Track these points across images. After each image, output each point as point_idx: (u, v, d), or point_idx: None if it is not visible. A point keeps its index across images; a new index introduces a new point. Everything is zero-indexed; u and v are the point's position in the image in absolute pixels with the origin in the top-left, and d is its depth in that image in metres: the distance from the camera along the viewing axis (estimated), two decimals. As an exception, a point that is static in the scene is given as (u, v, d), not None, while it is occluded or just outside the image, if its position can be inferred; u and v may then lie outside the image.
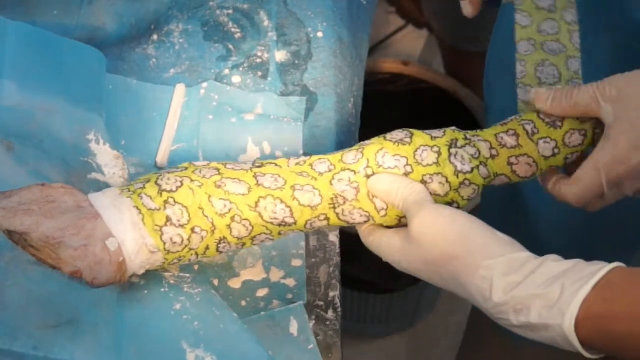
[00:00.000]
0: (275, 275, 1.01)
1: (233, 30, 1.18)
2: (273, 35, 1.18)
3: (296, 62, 1.16)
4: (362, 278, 1.88)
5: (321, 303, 1.00)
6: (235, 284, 1.00)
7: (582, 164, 0.94)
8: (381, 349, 2.10)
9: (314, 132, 1.11)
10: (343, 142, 1.12)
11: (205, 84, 1.12)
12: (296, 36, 1.19)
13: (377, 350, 2.10)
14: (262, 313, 0.98)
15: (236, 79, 1.14)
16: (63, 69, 1.02)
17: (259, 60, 1.16)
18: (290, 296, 1.00)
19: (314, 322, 0.98)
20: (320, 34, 1.19)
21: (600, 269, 0.78)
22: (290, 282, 1.01)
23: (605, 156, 0.92)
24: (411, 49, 2.48)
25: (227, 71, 1.15)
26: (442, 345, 2.07)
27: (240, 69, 1.15)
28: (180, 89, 1.11)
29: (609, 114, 0.91)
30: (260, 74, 1.15)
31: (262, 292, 1.00)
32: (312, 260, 1.02)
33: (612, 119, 0.91)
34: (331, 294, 1.01)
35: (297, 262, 1.02)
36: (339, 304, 1.00)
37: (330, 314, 0.99)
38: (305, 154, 1.09)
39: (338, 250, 1.03)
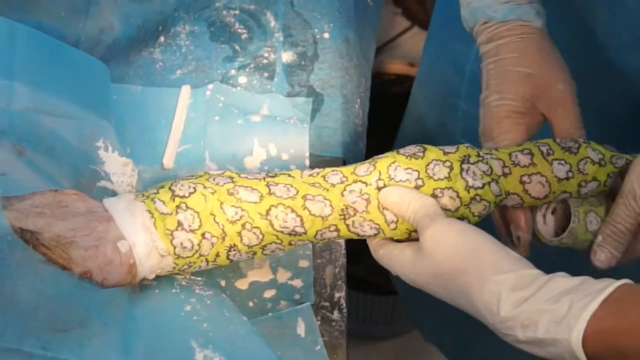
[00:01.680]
0: (283, 276, 1.01)
1: (239, 30, 1.18)
2: (279, 36, 1.18)
3: (302, 63, 1.16)
4: (367, 279, 1.88)
5: (327, 304, 1.00)
6: (242, 284, 1.00)
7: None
8: (386, 350, 2.10)
9: (320, 133, 1.11)
10: (349, 143, 1.12)
11: (210, 86, 1.12)
12: (302, 37, 1.19)
13: (383, 352, 2.09)
14: (270, 314, 0.98)
15: (242, 79, 1.14)
16: (70, 75, 1.02)
17: (265, 61, 1.16)
18: (297, 297, 1.00)
19: (319, 322, 0.98)
20: (326, 35, 1.19)
21: (608, 285, 0.78)
22: (298, 282, 1.01)
23: None
24: (417, 50, 2.46)
25: (233, 72, 1.15)
26: (448, 346, 2.07)
27: (247, 69, 1.15)
28: (185, 91, 1.11)
29: None
30: (266, 74, 1.15)
31: (269, 293, 1.00)
32: (318, 261, 1.02)
33: None
34: (337, 294, 1.01)
35: (304, 263, 1.02)
36: (344, 305, 1.00)
37: (335, 314, 0.99)
38: (311, 155, 1.09)
39: (344, 251, 1.03)
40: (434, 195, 0.90)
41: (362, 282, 1.89)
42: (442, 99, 1.29)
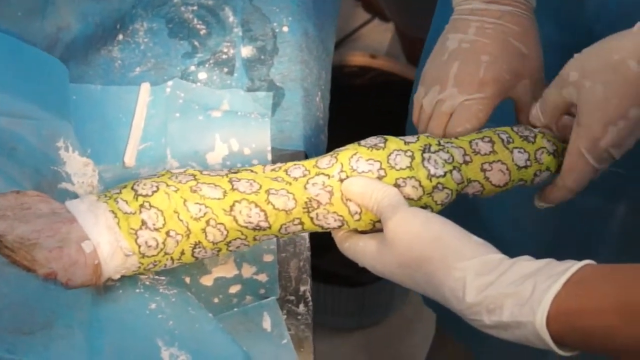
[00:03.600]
0: (247, 271, 1.01)
1: (198, 26, 1.18)
2: (238, 30, 1.18)
3: (262, 57, 1.16)
4: (334, 271, 1.88)
5: (292, 297, 1.00)
6: (207, 281, 1.00)
7: (566, 155, 0.97)
8: (355, 342, 2.10)
9: (281, 126, 1.11)
10: (311, 136, 1.12)
11: (170, 82, 1.11)
12: (262, 31, 1.18)
13: (351, 344, 2.10)
14: (235, 309, 0.98)
15: (202, 75, 1.14)
16: (29, 75, 1.01)
17: (224, 56, 1.16)
18: (262, 291, 1.00)
19: (285, 316, 0.98)
20: (285, 29, 1.19)
21: (571, 266, 0.78)
22: (263, 277, 1.01)
23: (583, 141, 0.94)
24: (378, 42, 2.49)
25: (192, 68, 1.14)
26: (416, 336, 2.07)
27: (206, 65, 1.15)
28: (145, 88, 1.11)
29: (573, 95, 0.95)
30: (226, 70, 1.15)
31: (234, 289, 1.00)
32: (282, 255, 1.02)
33: (580, 102, 0.94)
34: (302, 288, 1.01)
35: (269, 257, 1.02)
36: (310, 298, 1.00)
37: (301, 308, 1.00)
38: (273, 149, 1.09)
39: (308, 245, 1.03)
40: (396, 185, 0.91)
41: (330, 274, 1.90)
42: None
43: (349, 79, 2.05)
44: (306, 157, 1.09)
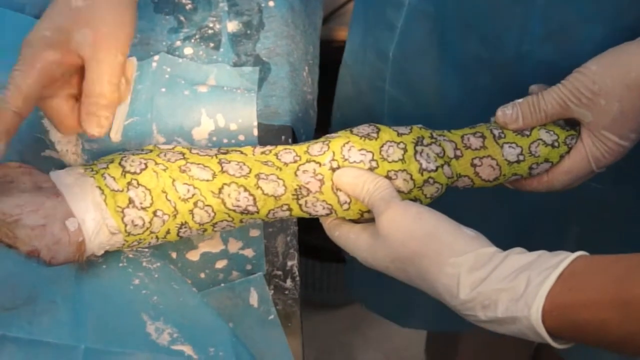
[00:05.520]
0: (234, 246, 1.01)
1: (184, 1, 1.17)
2: (224, 5, 1.17)
3: (248, 32, 1.16)
4: (322, 247, 1.88)
5: (279, 272, 1.00)
6: (193, 256, 1.00)
7: (567, 158, 0.98)
8: (342, 318, 2.10)
9: (268, 102, 1.10)
10: (298, 111, 1.11)
11: (156, 57, 1.11)
12: (247, 6, 1.18)
13: (339, 319, 2.10)
14: (222, 285, 0.98)
15: (188, 50, 1.13)
16: (13, 42, 1.00)
17: (210, 31, 1.15)
18: (249, 267, 1.00)
19: (272, 291, 0.98)
20: (271, 3, 1.18)
21: (563, 259, 0.78)
22: (249, 252, 1.01)
23: (595, 152, 0.96)
24: (366, 16, 2.47)
25: (178, 43, 1.14)
26: (405, 311, 2.08)
27: (192, 40, 1.14)
28: (132, 63, 1.10)
29: (587, 116, 0.95)
30: (212, 45, 1.14)
31: (220, 264, 1.00)
32: (269, 230, 1.02)
33: (591, 119, 0.95)
34: (289, 263, 1.01)
35: (255, 233, 1.02)
36: (297, 273, 1.00)
37: (288, 283, 1.00)
38: (260, 125, 1.08)
39: (295, 220, 1.03)
40: (387, 177, 0.91)
41: (318, 250, 1.90)
42: (369, 82, 1.29)
43: (337, 54, 2.05)
44: (293, 132, 1.09)
